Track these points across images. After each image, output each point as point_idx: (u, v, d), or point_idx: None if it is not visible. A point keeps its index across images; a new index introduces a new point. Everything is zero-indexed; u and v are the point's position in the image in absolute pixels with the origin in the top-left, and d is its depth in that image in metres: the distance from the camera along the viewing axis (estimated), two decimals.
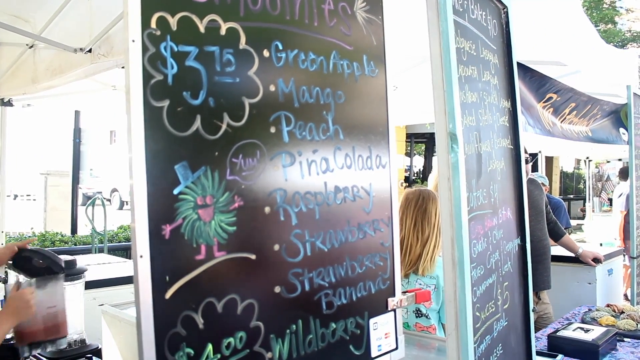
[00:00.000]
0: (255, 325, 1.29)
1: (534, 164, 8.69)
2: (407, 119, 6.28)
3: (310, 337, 1.45)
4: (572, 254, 4.53)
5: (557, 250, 4.61)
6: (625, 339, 3.07)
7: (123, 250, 6.69)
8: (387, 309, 1.71)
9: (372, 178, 1.68)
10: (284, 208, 1.39)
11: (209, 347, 1.18)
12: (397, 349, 1.73)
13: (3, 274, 4.08)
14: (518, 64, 2.29)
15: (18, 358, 2.00)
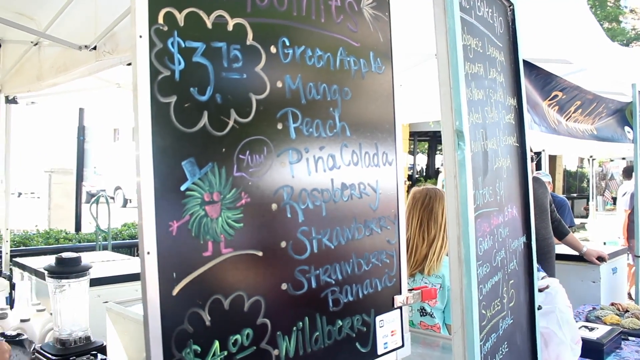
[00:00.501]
0: (262, 323, 1.29)
1: (538, 163, 8.66)
2: (410, 117, 6.27)
3: (317, 334, 1.44)
4: (576, 253, 4.52)
5: (561, 249, 4.60)
6: (630, 338, 3.07)
7: (127, 248, 6.68)
8: (393, 307, 1.70)
9: (378, 175, 1.67)
10: (291, 205, 1.38)
11: (216, 344, 1.18)
12: (403, 347, 1.73)
13: (8, 272, 4.07)
14: (524, 62, 2.29)
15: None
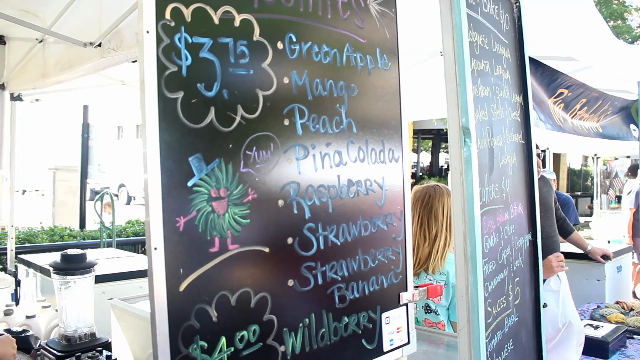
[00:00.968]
0: (269, 319, 1.29)
1: (542, 161, 8.63)
2: (414, 115, 6.26)
3: (323, 330, 1.44)
4: (581, 251, 4.51)
5: (566, 247, 4.59)
6: (635, 336, 3.07)
7: (131, 245, 6.70)
8: (399, 304, 1.70)
9: (385, 172, 1.67)
10: (297, 201, 1.38)
11: (223, 340, 1.18)
12: (409, 344, 1.73)
13: (13, 268, 4.08)
14: (530, 59, 2.28)
15: (30, 349, 2.01)
